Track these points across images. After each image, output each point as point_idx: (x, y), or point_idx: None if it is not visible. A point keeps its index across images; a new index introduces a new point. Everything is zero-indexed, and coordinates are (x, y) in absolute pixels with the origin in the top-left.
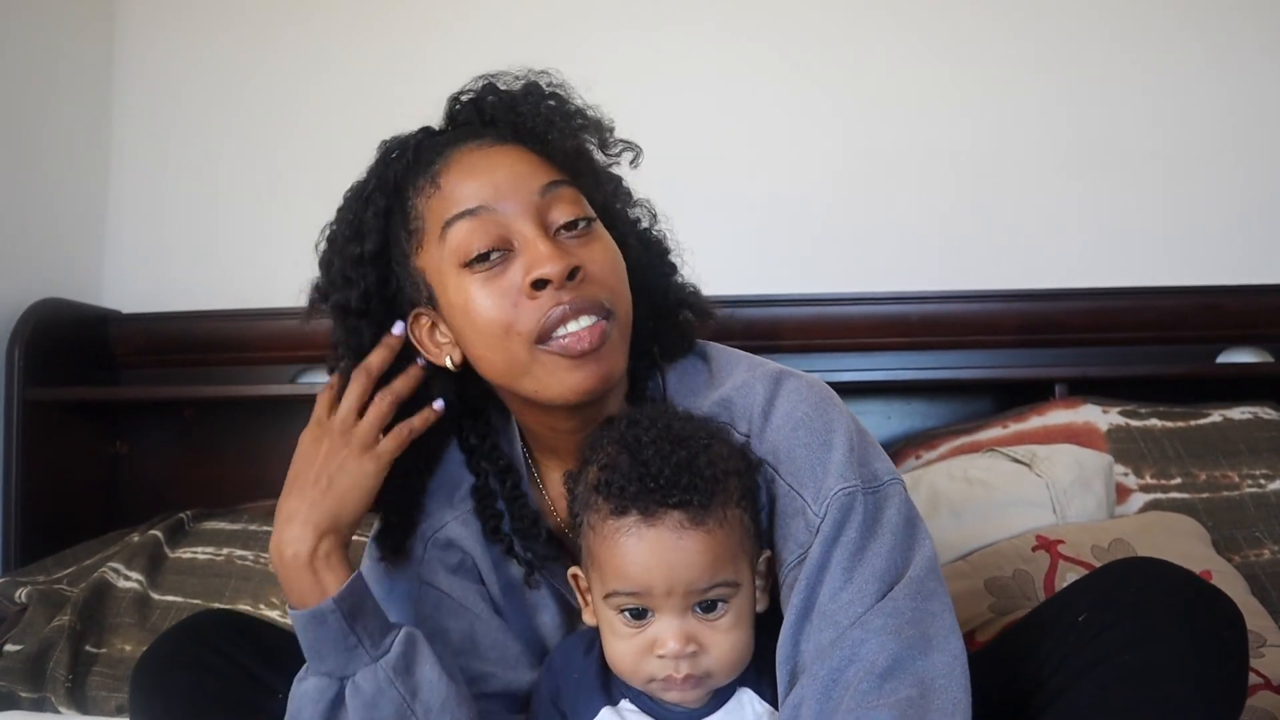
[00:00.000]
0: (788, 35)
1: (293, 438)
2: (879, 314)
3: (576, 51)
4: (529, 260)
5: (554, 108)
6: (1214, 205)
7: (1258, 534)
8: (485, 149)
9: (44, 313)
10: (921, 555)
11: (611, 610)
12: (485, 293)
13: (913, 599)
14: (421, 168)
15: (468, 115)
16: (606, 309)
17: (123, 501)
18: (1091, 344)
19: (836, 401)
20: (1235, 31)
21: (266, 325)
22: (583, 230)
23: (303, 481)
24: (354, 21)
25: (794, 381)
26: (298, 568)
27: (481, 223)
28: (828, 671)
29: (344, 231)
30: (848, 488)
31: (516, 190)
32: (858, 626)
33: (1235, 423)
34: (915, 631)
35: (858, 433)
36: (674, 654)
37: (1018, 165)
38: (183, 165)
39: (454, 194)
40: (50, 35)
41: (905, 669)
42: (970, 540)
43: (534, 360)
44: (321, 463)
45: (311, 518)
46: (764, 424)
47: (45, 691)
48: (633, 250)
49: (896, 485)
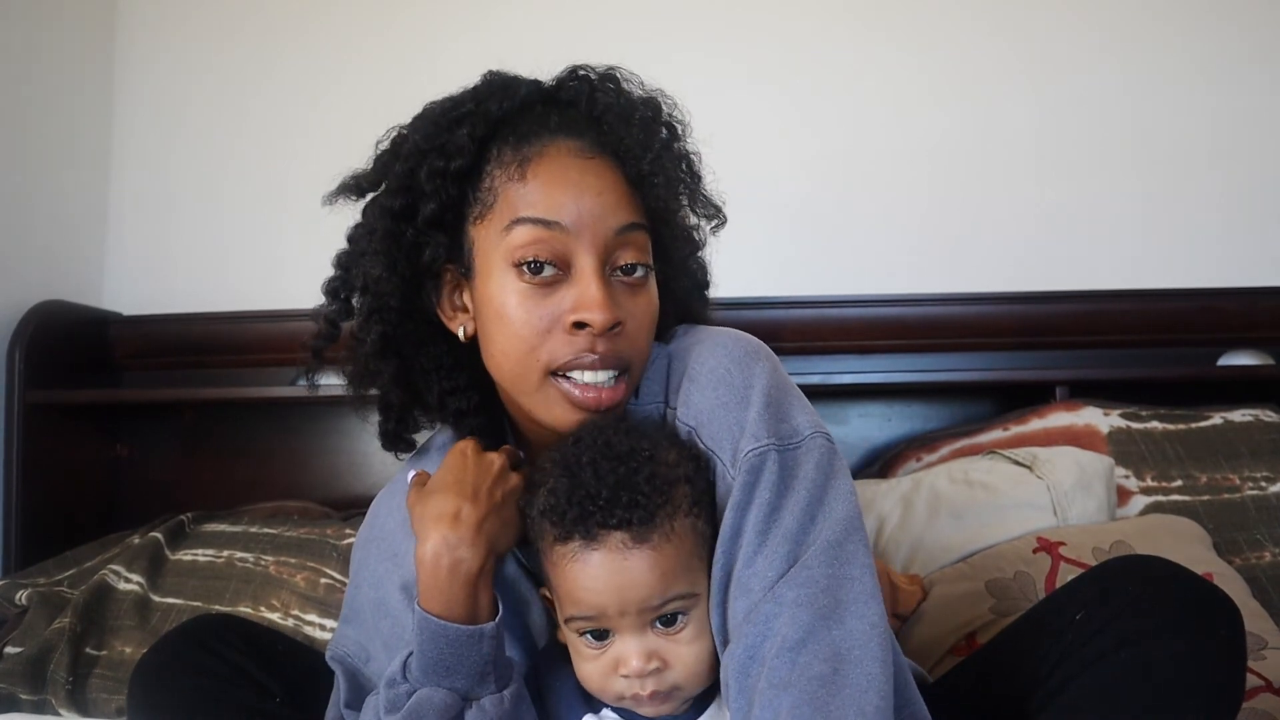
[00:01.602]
0: (788, 35)
1: (293, 439)
2: (879, 316)
3: (577, 56)
4: (579, 296)
5: (666, 142)
6: (1215, 207)
7: (1258, 536)
8: (583, 159)
9: (45, 315)
10: (839, 514)
11: (574, 633)
12: (526, 305)
13: (827, 564)
14: (516, 139)
15: (577, 94)
16: (627, 365)
17: (123, 504)
18: (1092, 346)
19: (763, 355)
20: (1236, 32)
21: (267, 327)
22: (637, 279)
23: (475, 487)
24: (356, 25)
25: (722, 337)
26: (461, 578)
27: (551, 237)
28: (744, 648)
29: (423, 143)
30: (758, 448)
31: (596, 221)
32: (769, 598)
33: (1236, 425)
34: (829, 599)
35: (778, 386)
36: (637, 672)
37: (1018, 168)
38: (184, 168)
39: (535, 196)
40: (52, 38)
41: (817, 639)
42: (971, 542)
43: (543, 385)
44: (495, 479)
45: (485, 530)
46: (690, 387)
47: (45, 693)
48: (678, 290)
49: (817, 439)
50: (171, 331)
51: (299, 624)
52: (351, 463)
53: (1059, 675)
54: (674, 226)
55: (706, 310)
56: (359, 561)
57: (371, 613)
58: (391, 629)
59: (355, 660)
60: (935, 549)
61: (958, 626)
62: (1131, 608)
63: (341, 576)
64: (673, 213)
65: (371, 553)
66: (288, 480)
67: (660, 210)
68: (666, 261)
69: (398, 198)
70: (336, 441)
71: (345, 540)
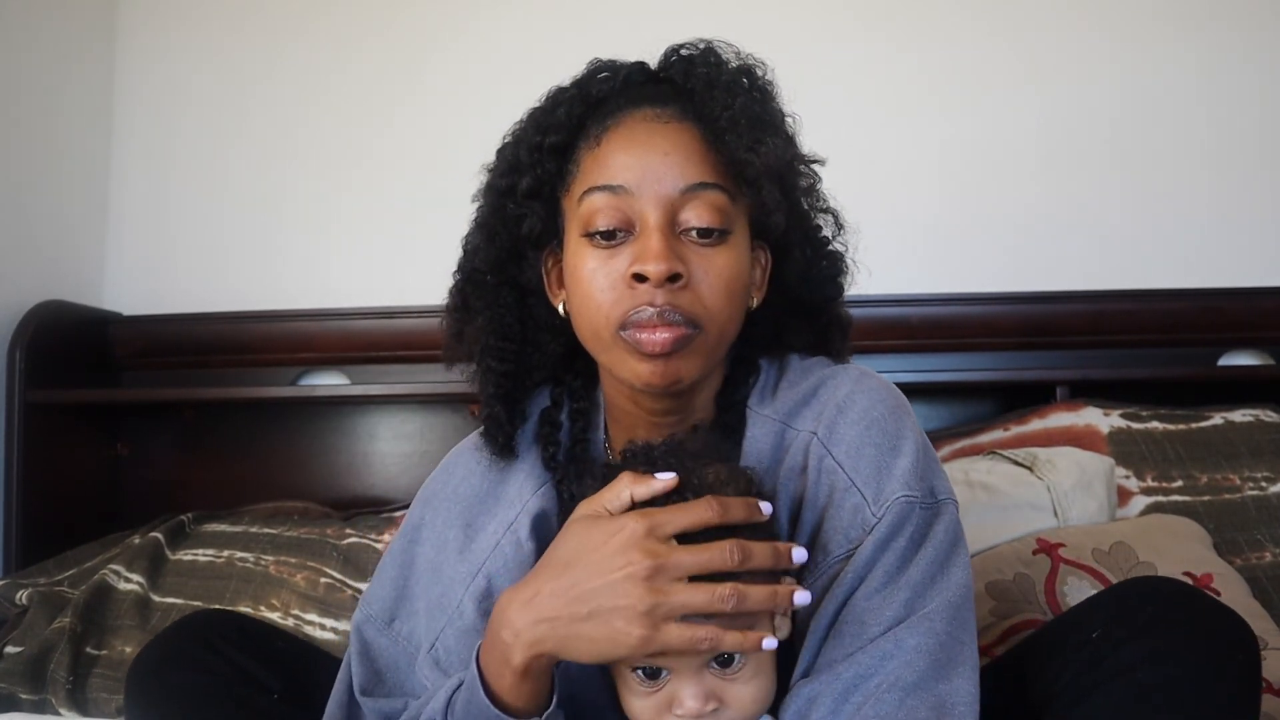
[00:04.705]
0: (786, 36)
1: (293, 439)
2: (879, 316)
3: (573, 55)
4: (639, 250)
5: (746, 105)
6: (1215, 207)
7: (1259, 537)
8: (657, 123)
9: (45, 315)
10: (961, 580)
11: (624, 666)
12: (594, 268)
13: (949, 623)
14: (603, 114)
15: (675, 71)
16: (696, 322)
17: (123, 504)
18: (1093, 346)
19: (910, 411)
20: (1236, 33)
21: (267, 327)
22: (714, 241)
23: (568, 581)
24: (356, 25)
25: (874, 381)
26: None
27: (617, 201)
28: (851, 675)
29: (529, 125)
30: (909, 496)
31: (661, 179)
32: (888, 638)
33: (1236, 425)
34: (944, 656)
35: (924, 447)
36: (693, 714)
37: (1019, 167)
38: (184, 168)
39: (605, 160)
40: (52, 39)
41: (928, 689)
42: (971, 543)
43: (614, 342)
44: (604, 585)
45: (539, 634)
46: (837, 416)
47: (46, 693)
48: (794, 259)
49: (949, 505)
50: (171, 331)
51: (299, 623)
52: (351, 463)
53: (1073, 693)
54: (760, 187)
55: (836, 300)
56: (423, 518)
57: (426, 572)
58: (441, 596)
59: (372, 628)
60: None
61: None
62: (1147, 629)
63: (342, 576)
64: (752, 169)
65: (440, 512)
66: (288, 480)
67: (739, 169)
68: (768, 231)
69: (503, 177)
70: (336, 441)
71: (345, 540)
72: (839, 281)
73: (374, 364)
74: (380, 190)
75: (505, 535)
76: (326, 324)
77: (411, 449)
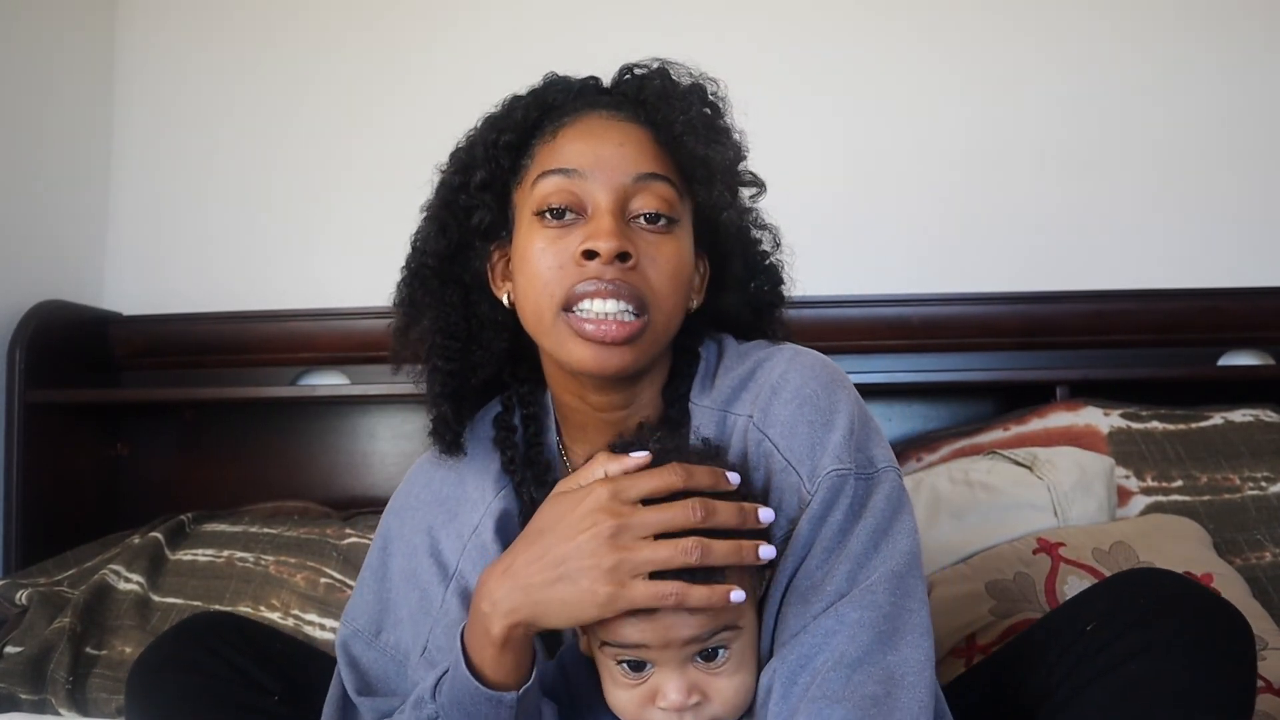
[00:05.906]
0: (786, 36)
1: (293, 439)
2: (879, 316)
3: (573, 55)
4: (589, 230)
5: (700, 114)
6: (1215, 208)
7: (1259, 537)
8: (612, 120)
9: (45, 315)
10: (904, 548)
11: (609, 659)
12: (543, 247)
13: (890, 593)
14: (557, 116)
15: (628, 87)
16: (643, 304)
17: (123, 503)
18: (1093, 346)
19: (846, 384)
20: (1236, 33)
21: (266, 327)
22: (660, 228)
23: (540, 548)
24: (353, 26)
25: (808, 359)
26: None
27: (570, 184)
28: (796, 656)
29: (483, 127)
30: (841, 469)
31: (614, 166)
32: (830, 614)
33: (1236, 425)
34: (889, 625)
35: (860, 417)
36: (676, 706)
37: (1019, 167)
38: (183, 168)
39: (561, 150)
40: (51, 38)
41: (874, 661)
42: (971, 543)
43: (555, 323)
44: (572, 548)
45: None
46: (771, 398)
47: (45, 693)
48: (733, 268)
49: (890, 473)
50: (171, 331)
51: (299, 623)
52: (351, 463)
53: (1069, 685)
54: (711, 186)
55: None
56: (391, 528)
57: (401, 581)
58: (419, 601)
59: (360, 643)
60: (935, 549)
61: (958, 628)
62: (1142, 621)
63: (342, 576)
64: (706, 168)
65: (407, 521)
66: (287, 480)
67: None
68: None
69: (457, 173)
70: (336, 441)
71: (345, 540)
72: (779, 290)
73: (373, 364)
74: (380, 190)
75: (471, 538)
76: (326, 324)
77: (411, 449)
